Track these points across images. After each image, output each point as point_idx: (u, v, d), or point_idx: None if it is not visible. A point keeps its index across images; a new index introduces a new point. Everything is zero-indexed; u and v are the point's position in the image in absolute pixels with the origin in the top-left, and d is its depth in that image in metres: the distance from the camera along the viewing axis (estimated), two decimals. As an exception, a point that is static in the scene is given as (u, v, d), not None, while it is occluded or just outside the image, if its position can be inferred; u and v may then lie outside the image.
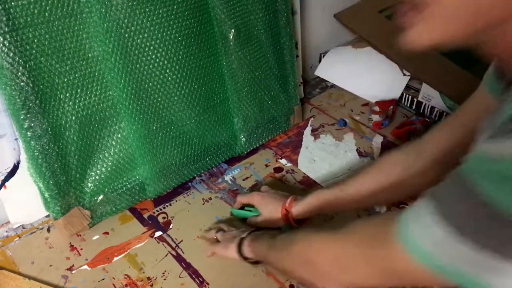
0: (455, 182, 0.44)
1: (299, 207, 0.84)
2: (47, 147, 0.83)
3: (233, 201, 0.99)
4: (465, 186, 0.41)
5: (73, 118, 0.85)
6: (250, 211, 0.92)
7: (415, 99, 1.24)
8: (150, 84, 0.90)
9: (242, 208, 0.94)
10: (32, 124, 0.79)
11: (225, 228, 0.88)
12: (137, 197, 0.98)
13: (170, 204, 0.99)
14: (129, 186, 0.97)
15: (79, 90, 0.84)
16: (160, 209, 0.98)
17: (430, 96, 1.20)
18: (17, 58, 0.74)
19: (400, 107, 1.27)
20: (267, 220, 0.88)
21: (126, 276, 0.84)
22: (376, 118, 1.17)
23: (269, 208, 0.87)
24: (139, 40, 0.85)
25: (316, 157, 1.11)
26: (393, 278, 0.52)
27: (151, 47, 0.87)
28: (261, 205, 0.89)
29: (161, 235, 0.92)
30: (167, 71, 0.91)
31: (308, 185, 1.02)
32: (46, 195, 0.86)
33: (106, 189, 0.94)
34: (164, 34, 0.88)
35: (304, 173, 1.06)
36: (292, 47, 1.14)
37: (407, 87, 1.26)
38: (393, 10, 1.14)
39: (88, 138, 0.88)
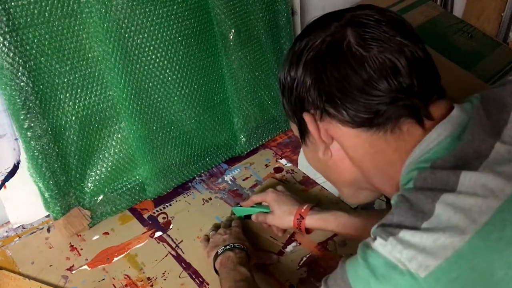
0: (340, 281, 0.49)
1: (314, 218, 0.82)
2: (47, 147, 0.82)
3: (233, 201, 0.99)
4: (345, 281, 0.48)
5: (73, 118, 0.85)
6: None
7: (415, 99, 1.24)
8: (150, 84, 0.90)
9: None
10: (32, 124, 0.79)
11: (221, 230, 0.87)
12: (137, 197, 0.98)
13: (170, 204, 0.99)
14: (129, 186, 0.97)
15: (79, 90, 0.84)
16: (160, 209, 0.98)
17: (430, 96, 1.20)
18: (17, 58, 0.74)
19: (400, 107, 1.26)
20: (277, 220, 0.86)
21: (126, 276, 0.84)
22: (376, 118, 1.17)
23: (283, 207, 0.85)
24: (139, 40, 0.85)
25: (316, 157, 1.11)
26: None
27: (151, 47, 0.87)
28: (275, 202, 0.87)
29: (161, 235, 0.92)
30: (167, 71, 0.91)
31: (308, 185, 1.02)
32: (46, 195, 0.86)
33: (106, 189, 0.94)
34: (164, 34, 0.88)
35: (304, 173, 1.06)
36: (292, 47, 1.13)
37: (407, 87, 1.26)
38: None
39: (88, 138, 0.88)
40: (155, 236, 0.92)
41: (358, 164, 0.56)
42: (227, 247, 0.79)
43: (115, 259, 0.87)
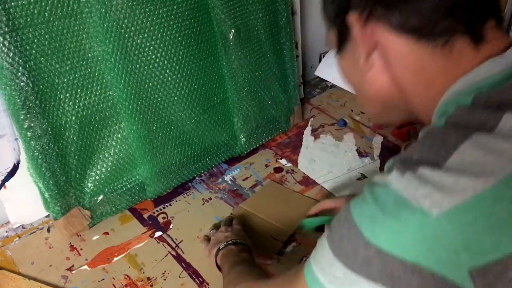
0: (344, 222, 0.46)
1: None
2: (47, 147, 0.83)
3: (233, 201, 0.99)
4: (352, 227, 0.44)
5: (73, 118, 0.85)
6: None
7: (415, 99, 1.24)
8: (150, 84, 0.90)
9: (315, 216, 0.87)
10: (32, 124, 0.79)
11: (222, 228, 0.87)
12: (137, 197, 0.98)
13: (170, 204, 0.99)
14: (129, 186, 0.97)
15: (79, 90, 0.84)
16: (160, 209, 0.98)
17: (430, 96, 1.20)
18: (17, 58, 0.74)
19: (400, 107, 1.26)
20: None
21: (126, 276, 0.84)
22: (376, 118, 1.17)
23: None
24: (139, 40, 0.85)
25: (316, 157, 1.11)
26: None
27: (151, 47, 0.87)
28: None
29: (161, 235, 0.92)
30: (167, 71, 0.91)
31: (308, 185, 1.02)
32: (46, 195, 0.86)
33: (106, 189, 0.94)
34: (164, 34, 0.88)
35: (304, 173, 1.06)
36: (292, 47, 1.14)
37: (407, 87, 1.26)
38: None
39: (88, 138, 0.88)
40: (155, 236, 0.92)
41: (398, 80, 0.51)
42: (229, 242, 0.79)
43: (115, 259, 0.87)
